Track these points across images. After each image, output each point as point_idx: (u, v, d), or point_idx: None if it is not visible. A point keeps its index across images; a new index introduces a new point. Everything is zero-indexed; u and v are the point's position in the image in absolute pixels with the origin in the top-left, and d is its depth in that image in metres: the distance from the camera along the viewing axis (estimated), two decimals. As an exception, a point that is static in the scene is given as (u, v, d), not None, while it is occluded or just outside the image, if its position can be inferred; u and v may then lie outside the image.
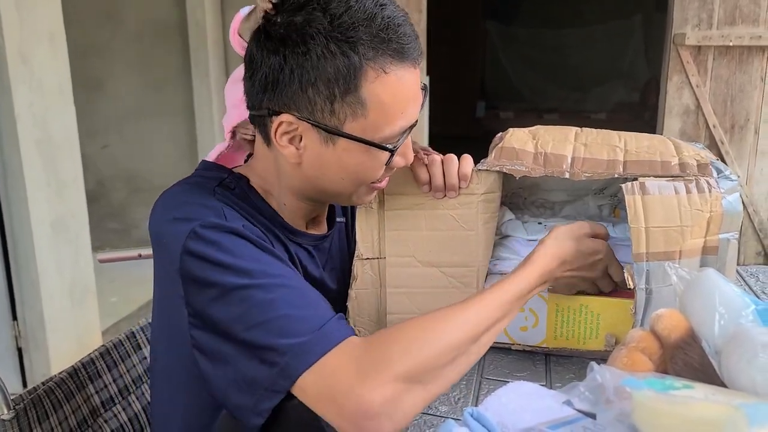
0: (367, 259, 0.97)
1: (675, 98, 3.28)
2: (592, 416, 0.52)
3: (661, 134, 3.30)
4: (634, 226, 0.83)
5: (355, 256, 0.97)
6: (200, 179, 0.88)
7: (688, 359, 0.61)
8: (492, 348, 0.83)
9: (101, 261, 2.06)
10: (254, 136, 0.90)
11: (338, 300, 0.99)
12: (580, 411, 0.53)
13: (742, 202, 0.88)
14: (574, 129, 1.00)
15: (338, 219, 1.03)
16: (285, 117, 0.79)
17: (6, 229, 2.39)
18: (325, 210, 0.99)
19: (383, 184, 0.90)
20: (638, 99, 7.23)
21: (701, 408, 0.48)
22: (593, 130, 1.00)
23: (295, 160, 0.83)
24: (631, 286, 0.85)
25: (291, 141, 0.81)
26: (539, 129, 1.00)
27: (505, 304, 0.79)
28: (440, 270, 0.96)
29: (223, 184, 0.87)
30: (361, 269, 0.97)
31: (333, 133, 0.79)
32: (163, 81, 3.86)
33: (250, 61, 0.81)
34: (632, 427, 0.49)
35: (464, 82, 7.37)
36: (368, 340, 0.72)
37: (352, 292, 0.98)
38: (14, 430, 0.89)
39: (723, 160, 3.26)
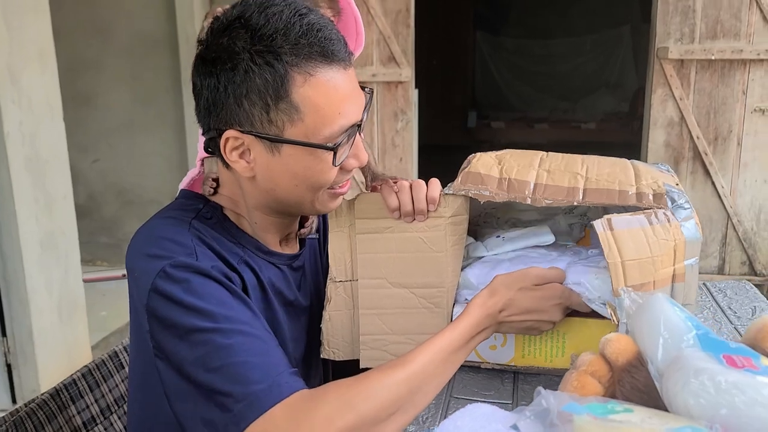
0: (341, 281, 1.00)
1: (659, 111, 3.33)
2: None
3: (647, 145, 3.35)
4: (611, 261, 0.84)
5: (329, 278, 1.00)
6: (178, 212, 0.90)
7: (635, 382, 0.64)
8: (462, 367, 0.87)
9: (85, 281, 2.07)
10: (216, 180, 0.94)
11: (312, 317, 1.02)
12: (524, 436, 0.55)
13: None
14: (540, 154, 1.03)
15: (310, 236, 1.05)
16: (229, 133, 0.82)
17: (-5, 245, 2.41)
18: (295, 226, 1.01)
19: (345, 189, 0.92)
20: (627, 109, 7.30)
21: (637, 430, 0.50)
22: (559, 155, 1.03)
23: (248, 174, 0.86)
24: (616, 322, 0.86)
25: (241, 156, 0.84)
26: (506, 153, 1.03)
27: (442, 358, 0.81)
28: (411, 291, 0.99)
29: (199, 215, 0.89)
30: (334, 291, 1.00)
31: (274, 140, 0.82)
32: (154, 95, 3.89)
33: (193, 88, 0.85)
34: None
35: (455, 92, 7.45)
36: (314, 394, 0.74)
37: (326, 314, 1.00)
38: (-4, 452, 0.92)
39: (707, 172, 3.31)
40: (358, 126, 0.85)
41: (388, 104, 3.51)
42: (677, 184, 0.98)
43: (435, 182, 0.99)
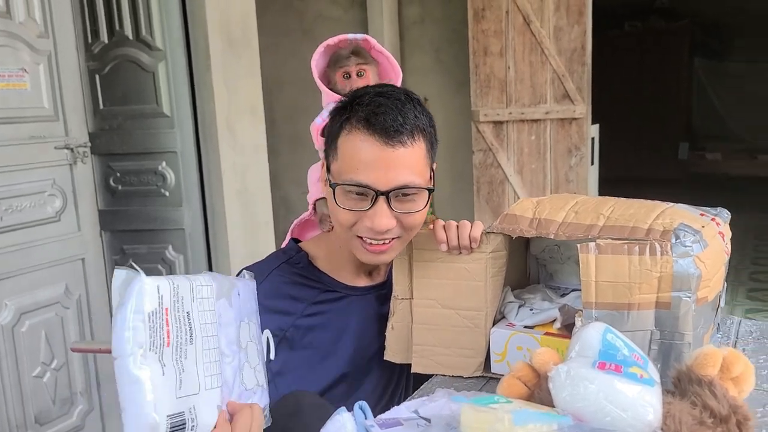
0: (402, 299, 1.22)
1: None
2: (428, 420, 0.72)
3: None
4: (585, 279, 0.96)
5: (393, 295, 1.23)
6: (272, 258, 1.21)
7: (548, 387, 0.79)
8: None
9: (73, 350, 2.17)
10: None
11: None
12: (422, 417, 0.73)
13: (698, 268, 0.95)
14: (576, 198, 1.16)
15: None
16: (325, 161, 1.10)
17: (212, 262, 3.00)
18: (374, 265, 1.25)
19: (376, 248, 1.10)
20: None
21: (490, 413, 0.66)
22: (594, 198, 1.16)
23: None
24: (559, 326, 1.04)
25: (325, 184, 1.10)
26: (545, 199, 1.18)
27: None
28: (456, 312, 1.18)
29: (289, 261, 1.19)
30: (397, 306, 1.23)
31: (327, 169, 1.08)
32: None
33: None
34: (450, 426, 0.69)
35: (667, 123, 7.09)
36: None
37: (389, 324, 1.23)
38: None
39: None
40: (378, 194, 1.02)
41: (561, 141, 3.60)
42: (703, 227, 1.05)
43: (478, 224, 1.16)
